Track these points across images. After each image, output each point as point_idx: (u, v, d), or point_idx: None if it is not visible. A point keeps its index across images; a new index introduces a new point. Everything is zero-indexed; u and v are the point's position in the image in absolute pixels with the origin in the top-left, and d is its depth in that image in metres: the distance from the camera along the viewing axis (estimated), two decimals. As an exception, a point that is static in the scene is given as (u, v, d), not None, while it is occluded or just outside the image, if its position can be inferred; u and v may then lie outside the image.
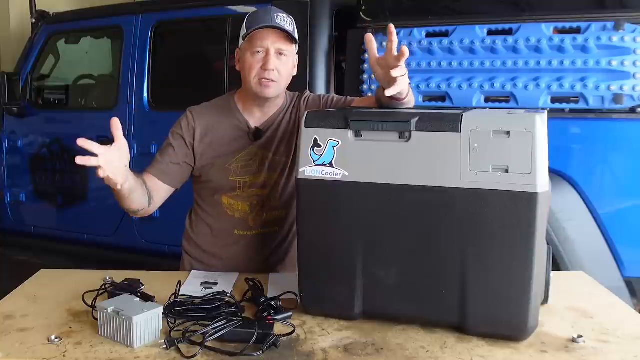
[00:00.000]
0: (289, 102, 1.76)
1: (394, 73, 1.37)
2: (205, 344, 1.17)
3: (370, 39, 1.45)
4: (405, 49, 1.35)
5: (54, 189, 3.64)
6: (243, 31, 1.65)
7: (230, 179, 1.69)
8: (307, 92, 1.80)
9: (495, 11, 2.51)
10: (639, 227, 2.30)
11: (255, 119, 1.72)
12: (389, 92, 1.40)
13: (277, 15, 1.61)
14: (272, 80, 1.61)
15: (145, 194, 1.59)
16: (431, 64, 2.52)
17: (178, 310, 1.31)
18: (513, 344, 1.20)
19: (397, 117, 1.27)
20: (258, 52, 1.61)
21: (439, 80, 2.50)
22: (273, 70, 1.60)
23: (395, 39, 1.38)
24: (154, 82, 3.29)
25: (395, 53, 1.37)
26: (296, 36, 1.64)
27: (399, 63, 1.37)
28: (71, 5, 4.26)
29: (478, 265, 1.20)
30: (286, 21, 1.62)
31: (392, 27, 1.38)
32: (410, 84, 1.54)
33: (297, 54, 1.71)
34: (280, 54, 1.62)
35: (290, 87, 1.79)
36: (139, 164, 3.22)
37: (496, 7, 2.53)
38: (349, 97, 1.77)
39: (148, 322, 1.20)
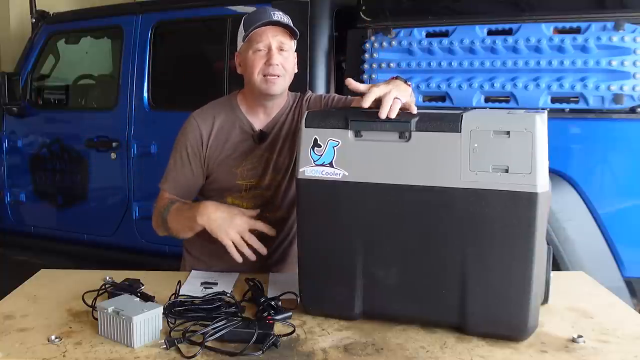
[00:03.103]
0: (292, 103, 1.76)
1: (386, 108, 1.30)
2: (205, 344, 1.17)
3: (351, 83, 1.40)
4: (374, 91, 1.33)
5: (54, 189, 3.63)
6: (241, 33, 1.65)
7: (237, 182, 1.70)
8: (309, 92, 1.81)
9: (495, 11, 2.51)
10: (639, 227, 2.30)
11: (259, 120, 1.72)
12: (392, 115, 1.36)
13: (274, 13, 1.62)
14: (278, 76, 1.62)
15: None
16: (431, 64, 2.51)
17: (178, 310, 1.32)
18: (513, 344, 1.20)
19: (397, 117, 1.26)
20: (260, 50, 1.62)
21: (439, 80, 2.50)
22: (277, 65, 1.61)
23: (356, 87, 1.37)
24: (154, 82, 3.28)
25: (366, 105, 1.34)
26: (296, 31, 1.65)
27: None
28: (71, 5, 4.26)
29: (478, 265, 1.20)
30: (283, 18, 1.63)
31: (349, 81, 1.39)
32: (409, 84, 1.54)
33: (296, 52, 1.71)
34: (282, 49, 1.63)
35: (290, 87, 1.79)
36: (139, 164, 3.26)
37: (496, 7, 2.53)
38: (349, 97, 1.77)
39: (148, 322, 1.20)
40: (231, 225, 1.51)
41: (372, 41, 2.63)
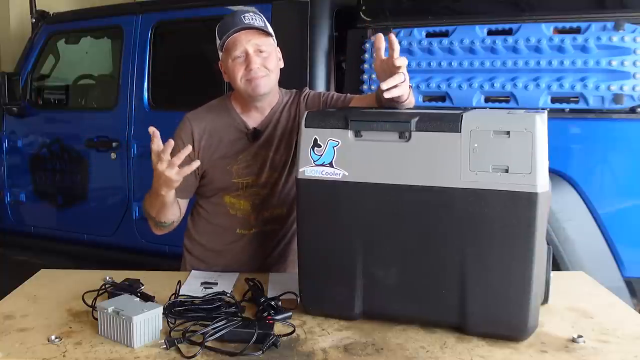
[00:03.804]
0: (286, 99, 1.76)
1: (391, 82, 1.39)
2: (205, 344, 1.17)
3: (380, 40, 1.45)
4: (404, 61, 1.39)
5: (54, 189, 3.63)
6: (218, 43, 1.65)
7: (233, 180, 1.70)
8: (307, 89, 1.80)
9: (495, 11, 2.51)
10: (639, 227, 2.30)
11: (253, 119, 1.72)
12: (387, 95, 1.41)
13: (244, 16, 1.62)
14: (262, 76, 1.62)
15: (178, 207, 1.68)
16: (431, 64, 2.51)
17: (178, 310, 1.32)
18: (513, 344, 1.20)
19: (397, 117, 1.27)
20: (238, 56, 1.62)
21: (439, 80, 2.49)
22: (258, 67, 1.61)
23: (396, 47, 1.41)
24: (154, 82, 3.28)
25: (396, 63, 1.39)
26: (269, 30, 1.65)
27: (398, 71, 1.39)
28: (71, 5, 4.26)
29: (478, 265, 1.20)
30: (254, 18, 1.63)
31: (393, 37, 1.43)
32: (410, 85, 1.54)
33: (277, 47, 1.71)
34: (260, 50, 1.62)
35: (290, 87, 1.78)
36: (139, 164, 3.26)
37: (496, 7, 2.53)
38: (348, 94, 1.77)
39: (148, 322, 1.20)
40: (163, 172, 1.46)
41: (372, 41, 2.63)
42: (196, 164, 1.53)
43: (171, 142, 1.47)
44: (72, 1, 4.65)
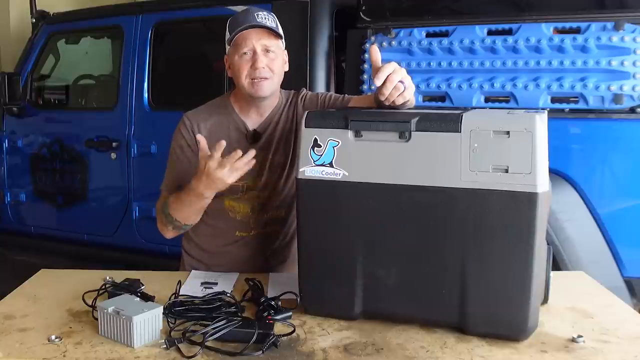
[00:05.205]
0: (285, 101, 1.76)
1: (386, 92, 1.37)
2: (205, 344, 1.17)
3: (372, 53, 1.42)
4: (388, 69, 1.36)
5: (54, 189, 3.64)
6: (227, 37, 1.65)
7: (234, 183, 1.69)
8: (305, 90, 1.80)
9: (495, 11, 2.51)
10: (639, 227, 2.30)
11: (252, 120, 1.72)
12: (387, 103, 1.40)
13: (257, 14, 1.61)
14: (265, 78, 1.61)
15: None
16: (431, 64, 2.51)
17: (178, 310, 1.32)
18: (513, 344, 1.20)
19: (397, 117, 1.27)
20: (245, 53, 1.61)
21: (439, 80, 2.49)
22: (263, 67, 1.61)
23: (377, 57, 1.40)
24: (154, 82, 3.29)
25: (376, 83, 1.37)
26: (280, 31, 1.64)
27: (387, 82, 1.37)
28: (71, 5, 4.26)
29: (478, 265, 1.20)
30: (267, 18, 1.62)
31: (372, 48, 1.42)
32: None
33: (286, 49, 1.70)
34: (267, 50, 1.62)
35: (290, 87, 1.78)
36: (139, 164, 3.26)
37: (496, 7, 2.53)
38: (347, 95, 1.76)
39: (148, 322, 1.20)
40: (214, 173, 1.46)
41: (372, 41, 2.63)
42: (252, 153, 1.49)
43: (222, 143, 1.47)
44: (72, 1, 4.65)
